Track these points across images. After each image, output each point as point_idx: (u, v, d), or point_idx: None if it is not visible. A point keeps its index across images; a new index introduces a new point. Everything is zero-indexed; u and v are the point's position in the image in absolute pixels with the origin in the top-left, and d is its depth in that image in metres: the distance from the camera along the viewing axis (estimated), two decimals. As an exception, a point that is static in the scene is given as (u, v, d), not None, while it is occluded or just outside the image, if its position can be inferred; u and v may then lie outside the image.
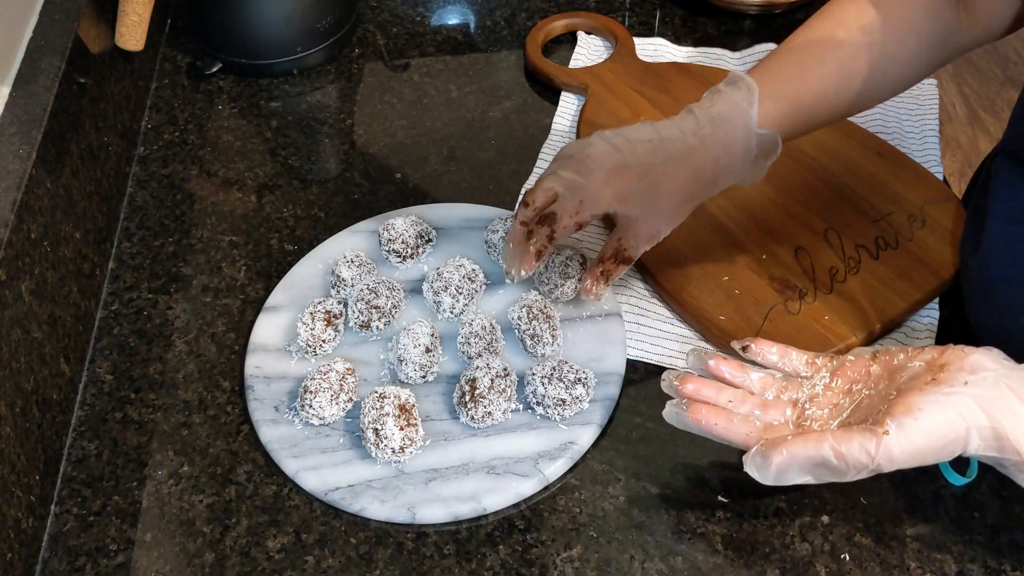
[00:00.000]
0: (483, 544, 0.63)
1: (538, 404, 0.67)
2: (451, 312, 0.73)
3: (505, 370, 0.67)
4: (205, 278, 0.80)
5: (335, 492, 0.65)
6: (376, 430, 0.64)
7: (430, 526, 0.64)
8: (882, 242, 0.76)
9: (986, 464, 0.55)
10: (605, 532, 0.64)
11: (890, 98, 0.71)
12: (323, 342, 0.71)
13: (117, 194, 0.85)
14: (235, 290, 0.79)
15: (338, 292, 0.75)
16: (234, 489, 0.67)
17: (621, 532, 0.64)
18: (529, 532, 0.64)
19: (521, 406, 0.68)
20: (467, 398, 0.66)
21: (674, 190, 0.66)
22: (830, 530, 0.63)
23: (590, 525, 0.64)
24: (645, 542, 0.63)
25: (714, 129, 0.65)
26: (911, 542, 0.62)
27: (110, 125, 0.85)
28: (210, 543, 0.64)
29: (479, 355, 0.70)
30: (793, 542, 0.63)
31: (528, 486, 0.65)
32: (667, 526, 0.64)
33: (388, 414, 0.64)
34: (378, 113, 0.93)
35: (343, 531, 0.64)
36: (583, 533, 0.64)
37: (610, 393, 0.69)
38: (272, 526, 0.65)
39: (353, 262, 0.75)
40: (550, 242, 0.68)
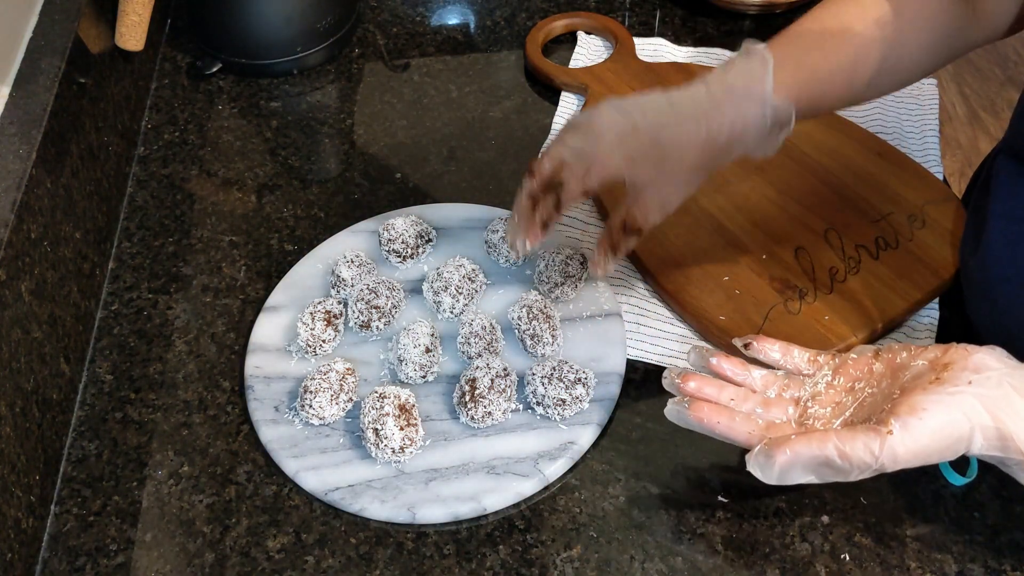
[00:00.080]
0: (483, 544, 0.63)
1: (538, 404, 0.67)
2: (451, 312, 0.73)
3: (505, 370, 0.67)
4: (205, 278, 0.80)
5: (335, 492, 0.65)
6: (376, 430, 0.64)
7: (430, 526, 0.64)
8: (882, 242, 0.76)
9: (986, 464, 0.55)
10: (605, 532, 0.64)
11: (895, 91, 0.71)
12: (323, 342, 0.71)
13: (117, 194, 0.85)
14: (235, 290, 0.79)
15: (338, 292, 0.75)
16: (234, 489, 0.67)
17: (621, 532, 0.64)
18: (529, 532, 0.64)
19: (521, 406, 0.68)
20: (467, 398, 0.66)
21: (685, 155, 0.63)
22: (830, 530, 0.63)
23: (590, 525, 0.64)
24: (645, 542, 0.63)
25: (728, 96, 0.63)
26: (911, 542, 0.62)
27: (110, 125, 0.85)
28: (210, 543, 0.64)
29: (479, 355, 0.70)
30: (793, 542, 0.62)
31: (528, 486, 0.65)
32: (667, 526, 0.64)
33: (388, 414, 0.64)
34: (378, 113, 0.93)
35: (343, 531, 0.64)
36: (583, 533, 0.64)
37: (610, 393, 0.69)
38: (272, 526, 0.65)
39: (353, 262, 0.75)
40: (557, 211, 0.66)
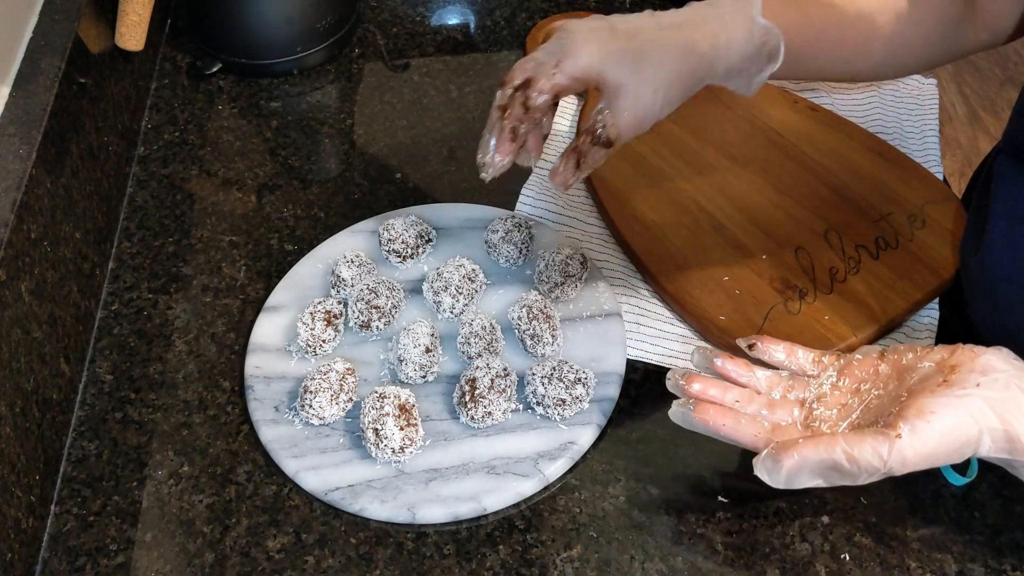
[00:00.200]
0: (483, 544, 0.63)
1: (538, 404, 0.67)
2: (451, 312, 0.73)
3: (505, 370, 0.67)
4: (205, 278, 0.80)
5: (335, 492, 0.65)
6: (376, 430, 0.64)
7: (430, 526, 0.64)
8: (882, 242, 0.76)
9: (986, 464, 0.55)
10: (605, 532, 0.64)
11: (888, 79, 0.71)
12: (323, 342, 0.71)
13: (117, 194, 0.85)
14: (235, 290, 0.79)
15: (338, 292, 0.75)
16: (234, 489, 0.67)
17: (621, 532, 0.64)
18: (529, 532, 0.64)
19: (521, 406, 0.68)
20: (467, 398, 0.66)
21: (665, 58, 0.59)
22: (830, 530, 0.63)
23: (590, 525, 0.64)
24: (645, 542, 0.63)
25: (714, 10, 0.62)
26: (911, 542, 0.62)
27: (110, 125, 0.85)
28: (210, 543, 0.64)
29: (479, 355, 0.70)
30: (793, 542, 0.62)
31: (528, 486, 0.65)
32: (667, 526, 0.64)
33: (388, 414, 0.64)
34: (378, 113, 0.93)
35: (343, 531, 0.64)
36: (583, 533, 0.64)
37: (610, 393, 0.69)
38: (272, 526, 0.65)
39: (353, 262, 0.75)
40: (526, 114, 0.60)
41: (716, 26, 0.61)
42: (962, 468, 0.58)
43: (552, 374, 0.67)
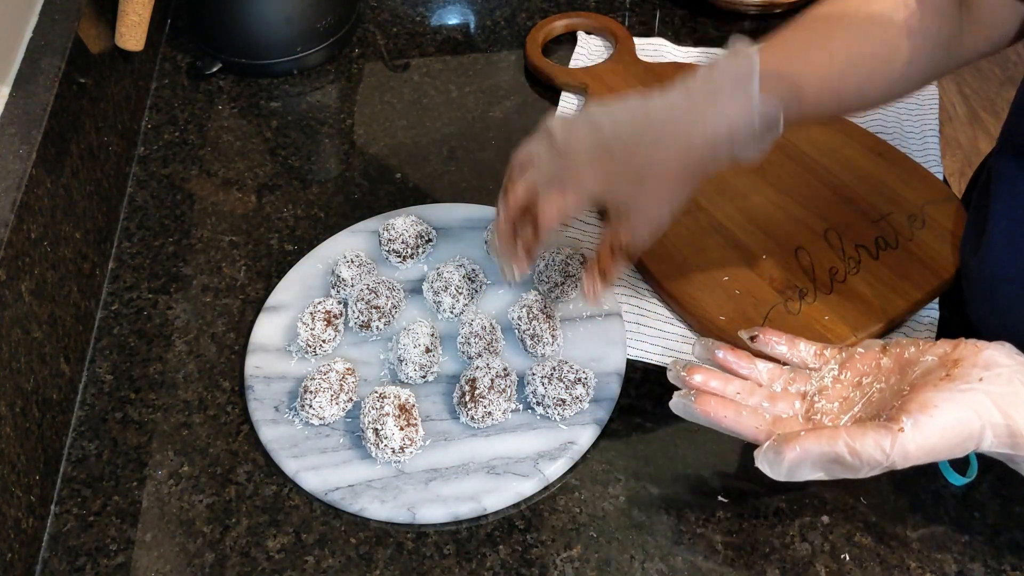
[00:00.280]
0: (483, 544, 0.63)
1: (538, 404, 0.67)
2: (451, 312, 0.73)
3: (505, 370, 0.67)
4: (205, 278, 0.80)
5: (335, 492, 0.65)
6: (376, 430, 0.64)
7: (430, 526, 0.64)
8: (882, 242, 0.76)
9: (986, 464, 0.55)
10: (605, 532, 0.64)
11: (887, 102, 0.70)
12: (323, 342, 0.71)
13: (117, 194, 0.85)
14: (235, 290, 0.79)
15: (338, 292, 0.75)
16: (234, 489, 0.67)
17: (621, 532, 0.64)
18: (529, 532, 0.64)
19: (521, 406, 0.68)
20: (467, 398, 0.66)
21: (664, 173, 0.61)
22: (830, 530, 0.63)
23: (590, 525, 0.64)
24: (645, 542, 0.63)
25: (710, 99, 0.61)
26: (911, 542, 0.62)
27: (110, 125, 0.85)
28: (210, 543, 0.64)
29: (479, 355, 0.70)
30: (793, 542, 0.62)
31: (528, 486, 0.65)
32: (667, 526, 0.64)
33: (388, 414, 0.64)
34: (378, 113, 0.93)
35: (343, 531, 0.64)
36: (583, 533, 0.64)
37: (610, 393, 0.69)
38: (272, 526, 0.65)
39: (353, 262, 0.75)
40: (537, 239, 0.65)
41: (713, 120, 0.60)
42: (962, 468, 0.58)
43: (552, 374, 0.67)
